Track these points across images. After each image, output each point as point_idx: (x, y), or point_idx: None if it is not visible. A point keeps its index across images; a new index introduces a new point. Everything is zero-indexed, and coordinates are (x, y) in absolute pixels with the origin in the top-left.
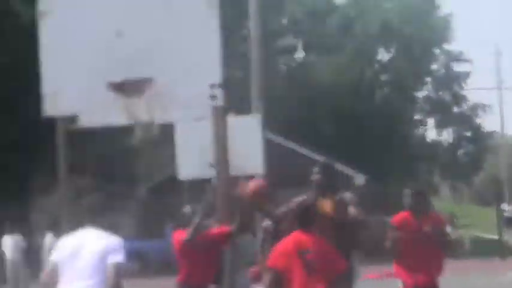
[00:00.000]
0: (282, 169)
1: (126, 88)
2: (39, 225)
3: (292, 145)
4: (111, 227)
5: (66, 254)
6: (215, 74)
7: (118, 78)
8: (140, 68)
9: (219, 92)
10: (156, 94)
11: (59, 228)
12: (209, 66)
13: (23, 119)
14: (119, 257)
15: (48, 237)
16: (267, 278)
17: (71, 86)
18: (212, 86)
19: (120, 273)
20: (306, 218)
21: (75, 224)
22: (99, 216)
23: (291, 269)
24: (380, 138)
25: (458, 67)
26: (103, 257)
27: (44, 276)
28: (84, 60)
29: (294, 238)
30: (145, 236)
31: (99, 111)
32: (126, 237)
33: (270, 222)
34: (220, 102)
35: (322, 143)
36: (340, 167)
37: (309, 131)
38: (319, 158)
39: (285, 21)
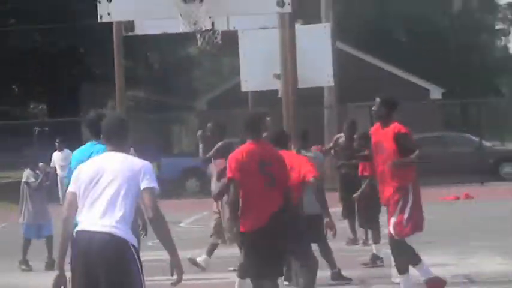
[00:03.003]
0: (352, 81)
1: None
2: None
3: (364, 56)
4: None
5: (86, 182)
6: None
7: None
8: None
9: None
10: (218, 1)
11: None
12: None
13: (78, 26)
14: (151, 182)
15: None
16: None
17: None
18: None
19: (156, 202)
20: (255, 128)
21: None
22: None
23: (247, 180)
24: (458, 49)
25: None
26: (131, 183)
27: (63, 210)
28: None
29: (249, 148)
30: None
31: (156, 17)
32: (184, 155)
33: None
34: (288, 8)
35: (397, 54)
36: (415, 79)
37: (382, 41)
38: (393, 69)
39: None
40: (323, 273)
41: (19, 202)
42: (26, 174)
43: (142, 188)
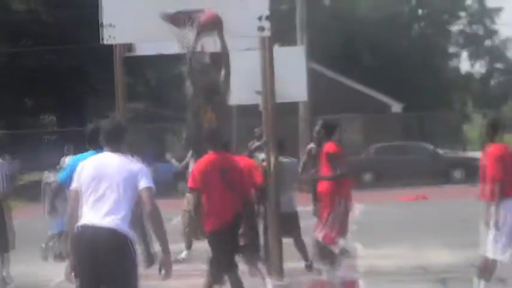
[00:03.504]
0: (324, 97)
1: (179, 19)
2: None
3: (334, 75)
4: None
5: (88, 180)
6: (263, 7)
7: (171, 10)
8: (193, 1)
9: (266, 24)
10: None
11: None
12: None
13: (83, 47)
14: (149, 183)
15: None
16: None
17: (128, 16)
18: (260, 18)
19: (154, 199)
20: (215, 140)
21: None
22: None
23: (211, 187)
24: (416, 69)
25: (491, 2)
26: (129, 183)
27: (68, 209)
28: None
29: (211, 158)
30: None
31: (152, 40)
32: (176, 160)
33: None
34: (267, 33)
35: (362, 73)
36: (378, 95)
37: (350, 62)
38: (359, 87)
39: None
40: (298, 264)
41: (41, 200)
42: (46, 176)
43: (140, 187)
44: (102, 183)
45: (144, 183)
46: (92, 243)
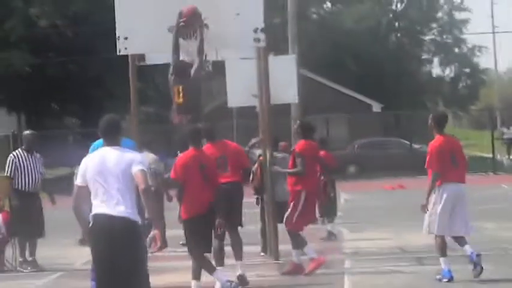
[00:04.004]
0: (313, 99)
1: (183, 31)
2: None
3: (322, 79)
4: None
5: (94, 175)
6: (258, 20)
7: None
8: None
9: (261, 36)
10: (208, 37)
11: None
12: (254, 13)
13: (102, 58)
14: (141, 166)
15: None
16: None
17: (140, 30)
18: (256, 30)
19: (147, 178)
20: (196, 138)
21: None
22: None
23: (190, 179)
24: (394, 74)
25: (459, 15)
26: (127, 173)
27: (73, 203)
28: (150, 9)
29: (192, 153)
30: None
31: (161, 51)
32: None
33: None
34: (263, 44)
35: (347, 78)
36: (360, 97)
37: (336, 68)
38: (343, 89)
39: None
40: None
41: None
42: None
43: (134, 171)
44: (106, 177)
45: (137, 167)
46: (108, 232)
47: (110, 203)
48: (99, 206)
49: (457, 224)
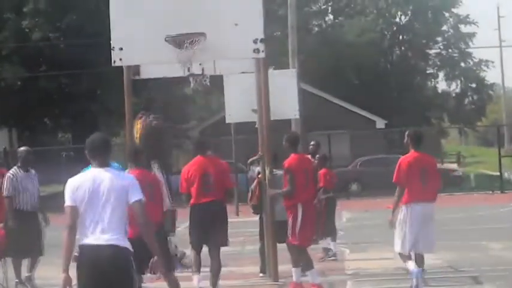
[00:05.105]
0: (314, 114)
1: (180, 41)
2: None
3: (323, 94)
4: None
5: (85, 197)
6: (258, 30)
7: (174, 33)
8: (193, 25)
9: (261, 46)
10: (207, 48)
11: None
12: (253, 24)
13: (96, 72)
14: (138, 195)
15: None
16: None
17: (135, 40)
18: (255, 41)
19: (144, 212)
20: (202, 148)
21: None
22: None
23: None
24: (398, 89)
25: (465, 28)
26: (121, 198)
27: (66, 223)
28: (146, 19)
29: (198, 161)
30: None
31: (157, 62)
32: (180, 172)
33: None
34: (262, 54)
35: (349, 93)
36: (363, 112)
37: (337, 83)
38: (346, 105)
39: None
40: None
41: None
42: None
43: (132, 201)
44: (97, 200)
45: (134, 196)
46: (95, 262)
47: (97, 229)
48: (86, 233)
49: (421, 242)
